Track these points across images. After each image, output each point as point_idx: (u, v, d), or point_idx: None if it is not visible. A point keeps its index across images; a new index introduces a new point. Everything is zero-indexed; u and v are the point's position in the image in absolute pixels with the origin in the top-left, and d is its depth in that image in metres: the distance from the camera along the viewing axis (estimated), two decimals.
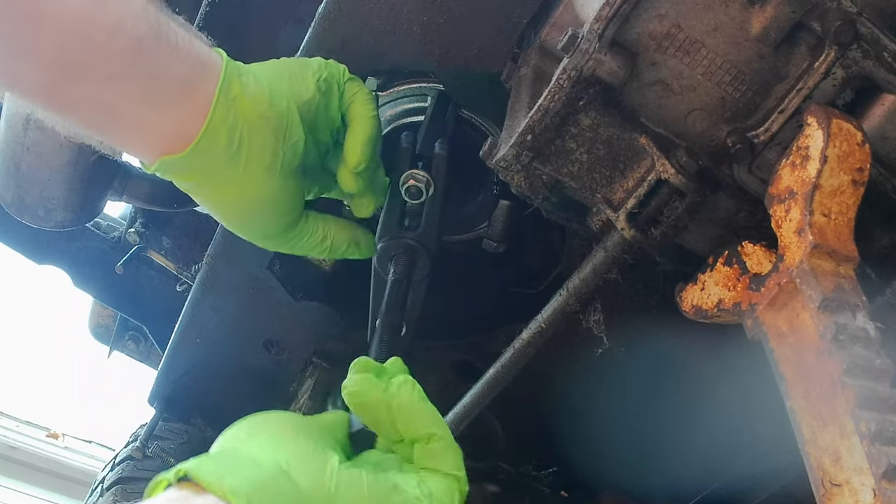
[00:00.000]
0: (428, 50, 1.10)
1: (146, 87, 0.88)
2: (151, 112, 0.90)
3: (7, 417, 4.86)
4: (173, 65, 0.89)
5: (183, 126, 0.91)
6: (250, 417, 0.81)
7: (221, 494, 0.66)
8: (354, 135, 1.06)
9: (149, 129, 0.91)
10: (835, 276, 0.82)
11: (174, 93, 0.90)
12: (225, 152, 0.93)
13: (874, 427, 0.71)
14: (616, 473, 1.64)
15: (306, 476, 0.72)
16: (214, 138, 0.92)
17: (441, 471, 0.79)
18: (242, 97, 0.94)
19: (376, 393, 0.81)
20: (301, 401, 1.59)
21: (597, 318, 1.23)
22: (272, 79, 0.99)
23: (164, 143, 0.92)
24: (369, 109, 1.07)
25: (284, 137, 0.97)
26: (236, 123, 0.93)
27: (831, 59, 0.87)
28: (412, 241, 1.09)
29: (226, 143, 0.93)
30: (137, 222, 2.05)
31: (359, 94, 1.07)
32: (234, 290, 1.45)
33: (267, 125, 0.96)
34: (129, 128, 0.91)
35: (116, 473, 1.96)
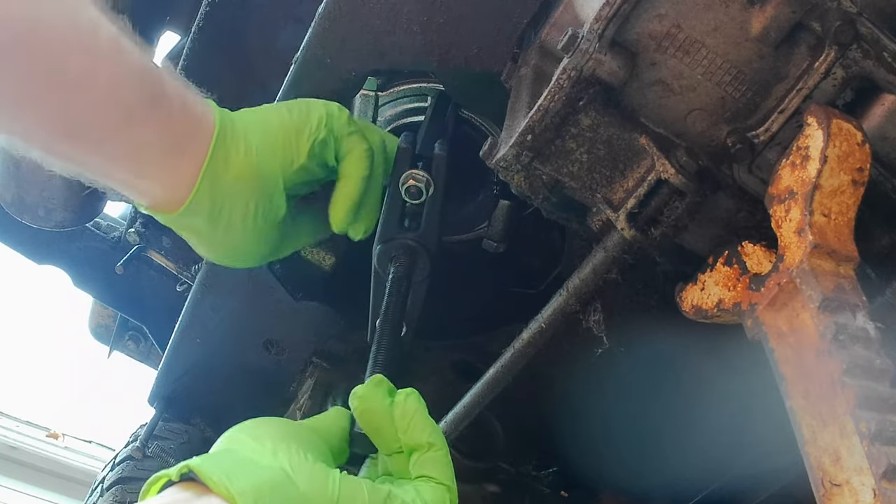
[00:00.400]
0: (428, 50, 1.10)
1: (137, 154, 0.90)
2: (139, 178, 0.93)
3: (7, 417, 4.86)
4: (165, 133, 0.91)
5: (171, 191, 0.94)
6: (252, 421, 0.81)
7: (228, 496, 0.67)
8: (341, 197, 1.06)
9: (137, 189, 0.95)
10: (835, 276, 0.82)
11: (164, 160, 0.92)
12: (206, 217, 0.97)
13: (874, 427, 0.71)
14: (616, 473, 1.64)
15: (309, 482, 0.73)
16: (198, 206, 0.96)
17: (434, 479, 0.81)
18: (227, 171, 0.96)
19: (382, 402, 0.84)
20: (301, 401, 1.59)
21: (597, 318, 1.22)
22: (262, 149, 0.99)
23: (154, 201, 0.96)
24: (361, 168, 1.06)
25: (267, 204, 1.00)
26: (217, 195, 0.96)
27: (831, 59, 0.87)
28: (412, 242, 1.09)
29: (207, 212, 0.96)
30: (137, 222, 2.05)
31: (354, 152, 1.06)
32: (234, 290, 1.45)
33: (249, 197, 0.98)
34: (119, 185, 0.95)
35: (116, 473, 1.96)
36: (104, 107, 0.85)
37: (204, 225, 0.98)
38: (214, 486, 0.67)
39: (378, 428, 0.84)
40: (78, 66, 0.82)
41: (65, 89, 0.83)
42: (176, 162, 0.93)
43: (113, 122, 0.86)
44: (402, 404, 0.85)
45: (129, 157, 0.90)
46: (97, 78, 0.84)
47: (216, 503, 0.67)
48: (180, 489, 0.70)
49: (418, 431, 0.83)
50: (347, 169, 1.06)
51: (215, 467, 0.69)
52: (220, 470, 0.68)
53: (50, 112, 0.84)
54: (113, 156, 0.90)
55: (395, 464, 0.85)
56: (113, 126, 0.87)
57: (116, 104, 0.86)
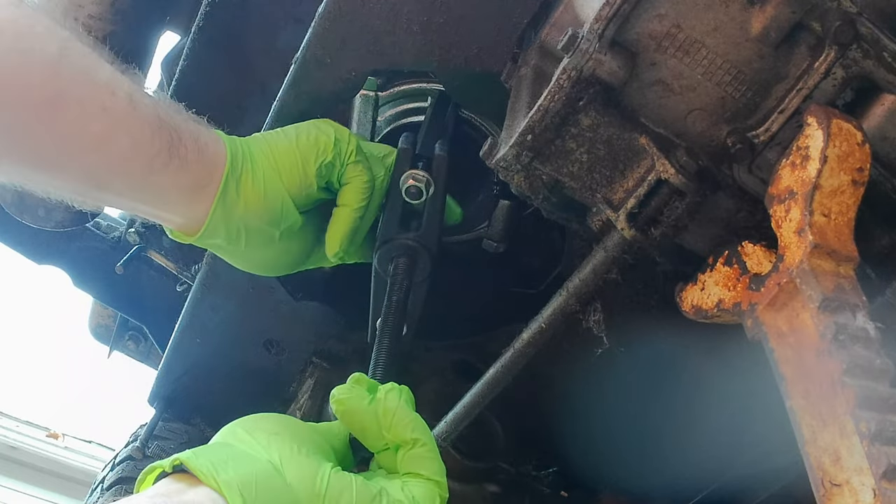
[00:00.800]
0: (428, 50, 1.10)
1: (159, 196, 0.98)
2: (164, 212, 1.02)
3: (7, 417, 4.86)
4: (182, 177, 0.97)
5: (189, 221, 1.02)
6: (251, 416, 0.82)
7: (215, 486, 0.68)
8: (337, 225, 1.10)
9: (163, 220, 1.05)
10: (835, 276, 0.82)
11: (181, 199, 1.00)
12: (224, 240, 1.04)
13: (874, 427, 0.71)
14: (616, 473, 1.64)
15: (298, 475, 0.73)
16: (214, 233, 1.03)
17: (423, 476, 0.82)
18: (237, 201, 1.02)
19: (362, 402, 0.85)
20: (301, 401, 1.59)
21: (597, 318, 1.22)
22: (269, 176, 1.05)
23: (176, 227, 1.05)
24: (357, 201, 1.09)
25: (280, 223, 1.06)
26: (232, 221, 1.03)
27: (831, 59, 0.87)
28: (412, 243, 1.09)
29: (224, 236, 1.04)
30: (137, 222, 2.04)
31: (354, 183, 1.09)
32: (234, 289, 1.45)
33: (261, 219, 1.04)
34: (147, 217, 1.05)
35: (116, 473, 1.96)
36: (126, 162, 0.92)
37: (225, 244, 1.05)
38: (203, 478, 0.69)
39: (361, 427, 0.85)
40: (99, 129, 0.88)
41: (89, 150, 0.89)
42: (193, 198, 1.00)
43: (136, 174, 0.94)
44: (383, 401, 0.85)
45: (152, 198, 0.99)
46: (118, 138, 0.90)
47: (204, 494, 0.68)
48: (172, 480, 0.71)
49: (401, 428, 0.83)
50: (346, 198, 1.09)
51: (204, 459, 0.70)
52: (209, 462, 0.70)
53: (79, 172, 0.91)
54: (137, 199, 0.99)
55: (385, 460, 0.86)
56: (136, 177, 0.94)
57: (137, 158, 0.93)
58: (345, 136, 1.09)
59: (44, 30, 0.85)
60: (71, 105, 0.85)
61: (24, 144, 0.85)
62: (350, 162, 1.08)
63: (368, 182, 1.10)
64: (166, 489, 0.70)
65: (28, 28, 0.83)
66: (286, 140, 1.07)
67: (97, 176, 0.92)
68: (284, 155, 1.06)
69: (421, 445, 0.83)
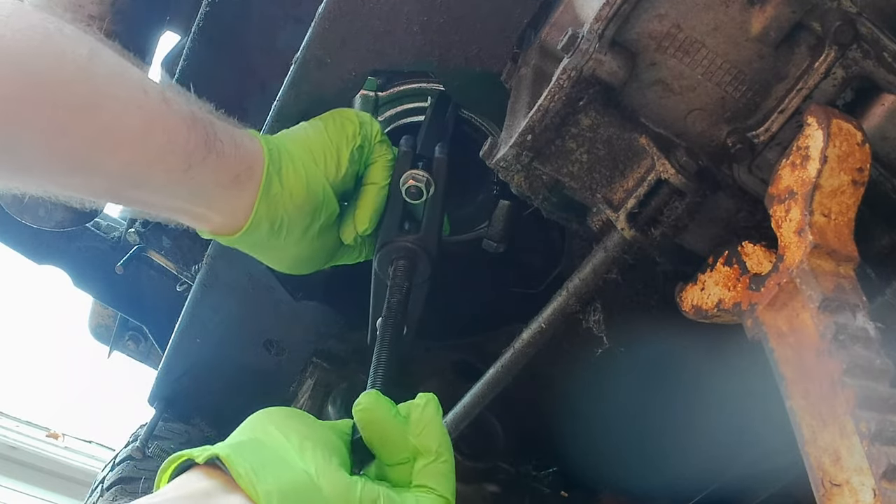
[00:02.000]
0: (428, 50, 1.10)
1: (198, 192, 0.97)
2: (203, 209, 1.00)
3: (7, 417, 4.86)
4: (221, 171, 0.97)
5: (231, 217, 1.01)
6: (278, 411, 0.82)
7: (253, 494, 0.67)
8: (366, 202, 1.11)
9: (202, 219, 1.03)
10: (835, 276, 0.82)
11: (223, 194, 0.99)
12: (268, 236, 1.04)
13: (874, 427, 0.71)
14: (616, 473, 1.64)
15: (334, 490, 0.74)
16: (258, 228, 1.02)
17: (436, 492, 0.81)
18: (281, 192, 1.02)
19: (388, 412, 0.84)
20: (301, 401, 1.59)
21: (597, 318, 1.22)
22: (308, 165, 1.06)
23: (215, 227, 1.03)
24: (383, 178, 1.11)
25: (321, 214, 1.08)
26: (276, 215, 1.03)
27: (831, 59, 0.87)
28: (412, 245, 1.09)
29: (268, 231, 1.03)
30: (137, 222, 2.04)
31: (381, 160, 1.12)
32: (234, 289, 1.45)
33: (304, 212, 1.05)
34: (184, 218, 1.03)
35: (116, 473, 1.96)
36: (165, 157, 0.91)
37: (265, 240, 1.05)
38: (241, 481, 0.68)
39: (382, 437, 0.84)
40: (135, 125, 0.88)
41: (126, 148, 0.88)
42: (234, 193, 0.99)
43: (174, 169, 0.93)
44: (422, 408, 0.85)
45: (191, 195, 0.97)
46: (154, 133, 0.90)
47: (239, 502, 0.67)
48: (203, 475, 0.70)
49: (431, 438, 0.83)
50: (374, 175, 1.12)
51: (243, 460, 0.69)
52: (248, 464, 0.69)
53: (116, 170, 0.90)
54: (176, 196, 0.97)
55: (394, 473, 0.84)
56: (175, 172, 0.93)
57: (175, 153, 0.92)
58: (367, 120, 1.12)
59: (72, 32, 0.85)
60: (106, 103, 0.85)
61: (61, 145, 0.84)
62: (377, 141, 1.12)
63: (392, 159, 1.13)
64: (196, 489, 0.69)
65: (57, 31, 0.83)
66: (315, 131, 1.09)
67: (135, 173, 0.91)
68: (318, 145, 1.08)
69: (443, 461, 0.83)
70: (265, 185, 1.00)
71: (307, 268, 1.16)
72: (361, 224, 1.10)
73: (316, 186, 1.06)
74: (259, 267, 1.41)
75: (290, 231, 1.05)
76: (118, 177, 0.91)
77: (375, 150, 1.12)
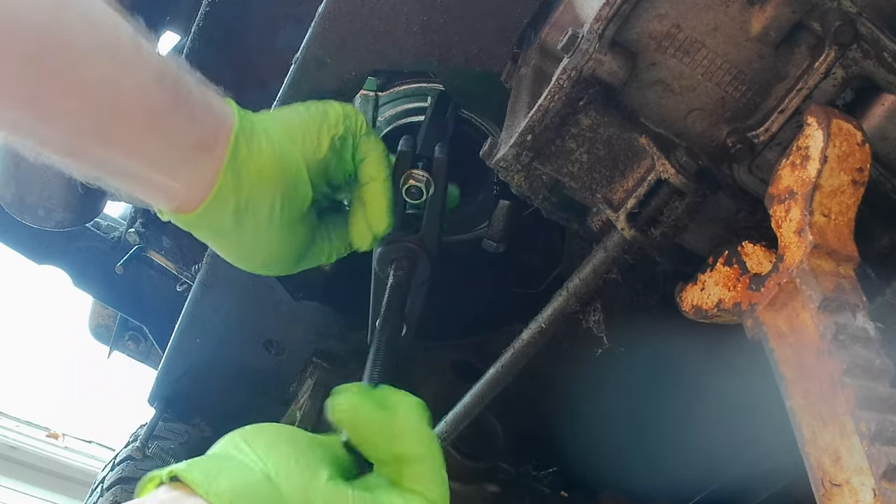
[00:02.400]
0: (428, 50, 1.10)
1: (161, 153, 0.91)
2: (165, 176, 0.93)
3: (7, 417, 4.86)
4: (188, 131, 0.91)
5: (193, 188, 0.94)
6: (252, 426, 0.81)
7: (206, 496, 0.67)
8: (375, 199, 1.06)
9: (160, 189, 0.95)
10: (835, 276, 0.82)
11: (187, 158, 0.92)
12: (232, 215, 0.96)
13: (874, 427, 0.71)
14: (616, 473, 1.64)
15: (291, 486, 0.72)
16: (222, 203, 0.95)
17: (425, 496, 0.78)
18: (250, 162, 0.95)
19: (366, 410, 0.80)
20: (301, 401, 1.59)
21: (597, 318, 1.23)
22: (283, 140, 1.00)
23: (175, 202, 0.95)
24: (384, 172, 1.06)
25: (292, 197, 1.00)
26: (243, 190, 0.95)
27: (831, 59, 0.87)
28: (412, 245, 1.09)
29: (233, 208, 0.95)
30: (137, 222, 2.05)
31: (373, 155, 1.06)
32: (234, 289, 1.45)
33: (275, 190, 0.97)
34: (141, 186, 0.95)
35: (116, 473, 1.96)
36: (129, 110, 0.86)
37: (230, 222, 0.97)
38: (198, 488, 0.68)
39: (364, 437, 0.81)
40: (101, 72, 0.84)
41: (90, 94, 0.84)
42: (200, 157, 0.93)
43: (138, 123, 0.87)
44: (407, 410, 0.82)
45: (154, 156, 0.91)
46: (121, 83, 0.85)
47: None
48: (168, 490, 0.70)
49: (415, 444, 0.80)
50: (370, 172, 1.06)
51: (198, 470, 0.69)
52: (202, 472, 0.69)
53: (76, 116, 0.85)
54: (138, 155, 0.90)
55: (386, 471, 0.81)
56: (138, 127, 0.88)
57: (141, 106, 0.87)
58: (351, 112, 1.06)
59: None
60: (73, 39, 0.82)
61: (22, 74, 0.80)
62: (363, 134, 1.06)
63: (385, 152, 1.08)
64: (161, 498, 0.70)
65: None
66: (295, 113, 1.04)
67: (97, 125, 0.85)
68: (297, 124, 1.02)
69: (431, 464, 0.79)
70: (232, 152, 0.93)
71: (273, 266, 1.08)
72: (379, 223, 1.05)
73: (289, 163, 0.99)
74: None
75: (257, 211, 0.97)
76: (76, 125, 0.85)
77: (363, 144, 1.06)
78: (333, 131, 1.03)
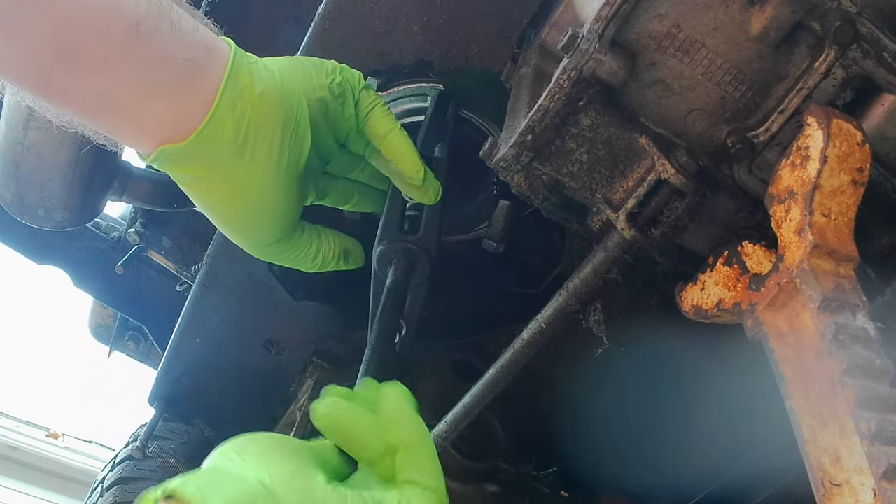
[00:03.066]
0: (428, 50, 1.10)
1: (145, 72, 0.82)
2: (151, 99, 0.83)
3: (7, 417, 4.87)
4: (175, 49, 0.83)
5: (185, 114, 0.85)
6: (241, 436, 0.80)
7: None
8: (397, 150, 1.02)
9: (148, 117, 0.85)
10: (835, 276, 0.82)
11: (176, 79, 0.83)
12: (230, 144, 0.87)
13: (874, 427, 0.71)
14: (616, 473, 1.64)
15: (289, 495, 0.71)
16: (219, 128, 0.86)
17: (421, 484, 0.76)
18: (252, 87, 0.88)
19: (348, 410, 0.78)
20: (301, 401, 1.59)
21: (597, 318, 1.23)
22: (285, 72, 0.93)
23: (164, 132, 0.86)
24: (393, 122, 1.02)
25: (293, 135, 0.92)
26: (244, 114, 0.87)
27: (831, 59, 0.87)
28: (412, 245, 1.09)
29: (231, 135, 0.87)
30: (137, 222, 2.05)
31: (377, 109, 1.02)
32: (234, 290, 1.45)
33: (276, 119, 0.90)
34: (126, 116, 0.85)
35: (116, 473, 1.96)
36: (107, 20, 0.78)
37: (227, 154, 0.87)
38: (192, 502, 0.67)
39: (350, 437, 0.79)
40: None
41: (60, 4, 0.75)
42: (191, 79, 0.84)
43: (118, 35, 0.78)
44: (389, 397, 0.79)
45: (139, 76, 0.82)
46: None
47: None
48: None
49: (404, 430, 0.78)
50: (382, 124, 1.02)
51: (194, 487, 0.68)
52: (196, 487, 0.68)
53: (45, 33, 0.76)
54: (121, 76, 0.81)
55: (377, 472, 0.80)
56: (118, 40, 0.79)
57: (121, 16, 0.78)
58: (348, 69, 1.02)
59: None
60: None
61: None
62: (362, 88, 1.02)
63: (385, 104, 1.03)
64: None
65: None
66: (291, 59, 0.99)
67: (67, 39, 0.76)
68: (295, 64, 0.96)
69: (422, 450, 0.78)
70: (231, 74, 0.85)
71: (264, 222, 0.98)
72: (415, 170, 1.02)
73: (292, 95, 0.91)
74: (259, 266, 1.41)
75: (256, 145, 0.88)
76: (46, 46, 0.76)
77: (364, 98, 1.01)
78: (332, 77, 0.99)
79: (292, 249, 1.06)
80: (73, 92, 0.81)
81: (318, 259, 1.10)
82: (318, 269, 1.11)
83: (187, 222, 2.03)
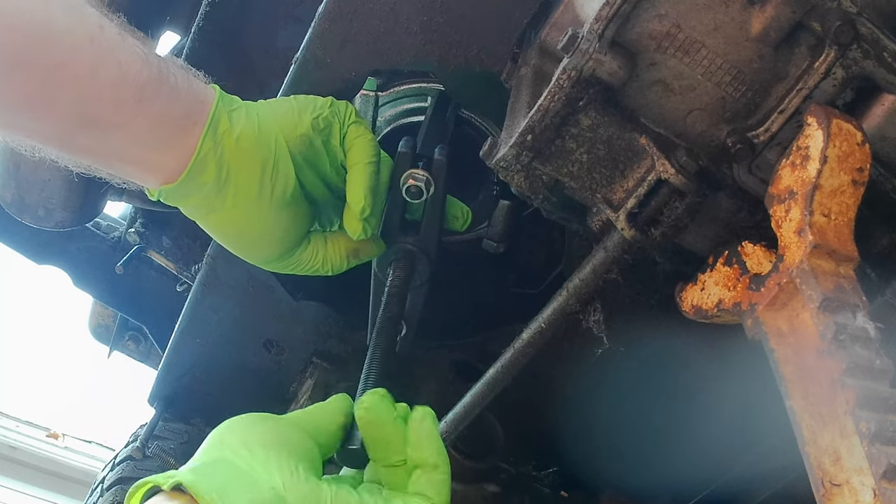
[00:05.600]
0: (428, 50, 1.10)
1: (150, 130, 0.94)
2: (154, 152, 0.97)
3: (7, 417, 4.86)
4: (174, 106, 0.95)
5: (180, 160, 0.97)
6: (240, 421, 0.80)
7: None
8: (353, 181, 1.07)
9: (152, 165, 0.98)
10: (835, 276, 0.82)
11: (174, 132, 0.96)
12: (214, 182, 0.99)
13: (874, 427, 0.71)
14: (616, 473, 1.64)
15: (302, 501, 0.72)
16: (203, 168, 0.98)
17: (431, 500, 0.81)
18: (230, 132, 0.99)
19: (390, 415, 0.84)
20: (301, 401, 1.59)
21: (597, 318, 1.22)
22: (264, 115, 1.03)
23: (164, 174, 0.99)
24: (368, 156, 1.07)
25: (273, 171, 1.01)
26: (223, 157, 0.98)
27: (831, 59, 0.87)
28: (412, 247, 1.09)
29: (214, 174, 0.99)
30: (137, 222, 2.05)
31: (359, 140, 1.07)
32: (234, 289, 1.45)
33: (253, 159, 1.00)
34: (134, 166, 0.99)
35: (116, 473, 1.96)
36: (116, 90, 0.90)
37: (212, 191, 1.00)
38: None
39: (382, 439, 0.84)
40: (88, 60, 0.87)
41: (79, 82, 0.87)
42: (185, 129, 0.96)
43: (126, 101, 0.91)
44: (420, 422, 0.85)
45: (145, 133, 0.94)
46: (107, 66, 0.89)
47: None
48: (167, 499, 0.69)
49: (429, 451, 0.83)
50: (356, 156, 1.07)
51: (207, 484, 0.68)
52: (213, 487, 0.68)
53: (67, 106, 0.88)
54: (130, 135, 0.94)
55: (389, 475, 0.84)
56: (127, 106, 0.92)
57: (127, 85, 0.91)
58: (341, 102, 1.09)
59: None
60: (59, 37, 0.85)
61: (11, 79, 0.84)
62: (351, 123, 1.08)
63: (373, 140, 1.09)
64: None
65: None
66: (286, 98, 1.08)
67: (85, 110, 0.90)
68: (280, 104, 1.06)
69: (441, 472, 0.83)
70: (212, 120, 0.98)
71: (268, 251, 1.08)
72: (356, 202, 1.04)
73: (268, 135, 1.01)
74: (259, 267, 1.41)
75: (239, 184, 1.00)
76: (68, 116, 0.90)
77: (352, 132, 1.07)
78: (317, 112, 1.06)
79: (298, 263, 1.12)
80: (90, 149, 0.96)
81: (328, 265, 1.13)
82: (332, 272, 1.14)
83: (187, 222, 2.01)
